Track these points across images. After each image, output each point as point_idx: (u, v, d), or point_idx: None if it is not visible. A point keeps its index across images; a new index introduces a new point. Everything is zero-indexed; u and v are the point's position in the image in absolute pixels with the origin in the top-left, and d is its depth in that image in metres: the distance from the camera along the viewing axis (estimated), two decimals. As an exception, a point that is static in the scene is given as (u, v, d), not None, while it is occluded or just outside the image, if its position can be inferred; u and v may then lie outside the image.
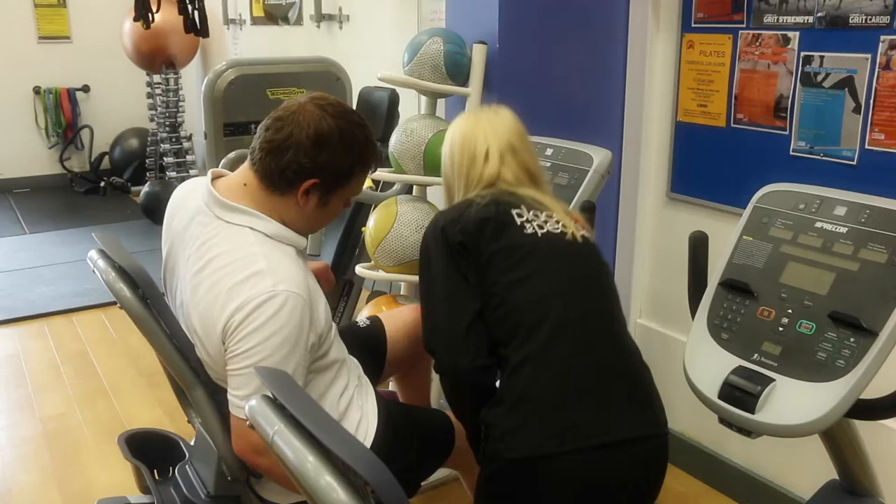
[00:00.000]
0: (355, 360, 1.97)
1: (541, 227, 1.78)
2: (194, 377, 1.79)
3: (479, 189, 1.86)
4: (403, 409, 2.12)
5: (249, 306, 1.59)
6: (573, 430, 1.61)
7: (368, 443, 1.85)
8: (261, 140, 1.71)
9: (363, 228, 2.96)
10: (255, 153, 1.73)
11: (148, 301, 1.75)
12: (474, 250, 1.75)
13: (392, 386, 2.46)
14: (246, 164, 1.77)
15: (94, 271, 1.86)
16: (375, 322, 2.23)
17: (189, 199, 1.83)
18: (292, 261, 1.70)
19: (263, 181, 1.72)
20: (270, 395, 1.18)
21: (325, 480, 0.99)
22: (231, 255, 1.67)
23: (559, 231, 1.79)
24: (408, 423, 2.00)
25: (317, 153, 1.68)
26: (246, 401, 1.46)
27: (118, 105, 7.63)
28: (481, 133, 1.89)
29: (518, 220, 1.77)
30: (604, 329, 1.73)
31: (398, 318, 2.25)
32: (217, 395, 1.80)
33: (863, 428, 1.81)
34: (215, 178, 1.80)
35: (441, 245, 1.77)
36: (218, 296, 1.64)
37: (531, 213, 1.80)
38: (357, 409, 1.87)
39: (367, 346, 2.12)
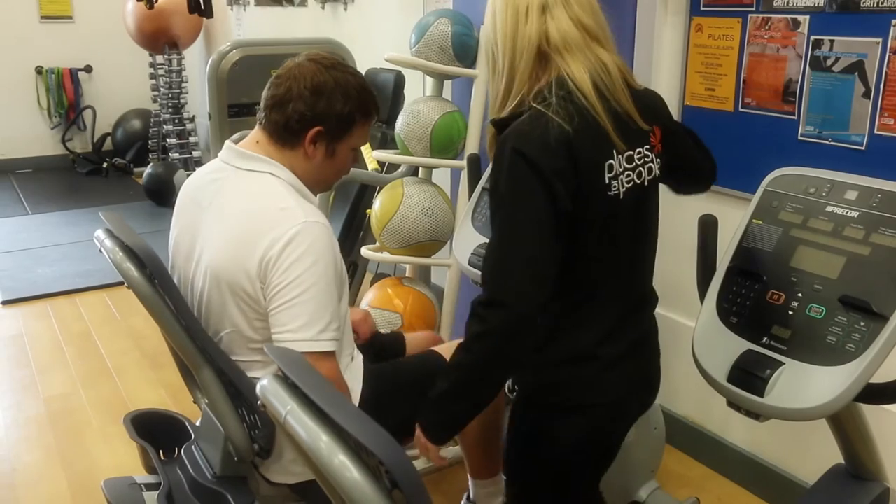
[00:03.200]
0: None
1: (627, 182, 1.54)
2: (202, 357, 1.79)
3: (528, 66, 1.54)
4: (388, 365, 2.11)
5: (285, 238, 1.66)
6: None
7: (355, 401, 1.88)
8: (265, 99, 1.83)
9: (368, 210, 2.96)
10: (260, 113, 1.84)
11: (155, 281, 1.75)
12: (570, 181, 1.47)
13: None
14: (256, 127, 1.86)
15: (100, 251, 1.86)
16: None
17: (202, 172, 1.92)
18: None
19: (273, 136, 1.82)
20: (282, 374, 1.18)
21: (339, 460, 0.99)
22: (257, 197, 1.76)
23: (638, 182, 1.58)
24: (393, 377, 2.02)
25: (315, 101, 1.78)
26: (304, 331, 1.63)
27: (121, 86, 7.61)
28: None
29: (606, 177, 1.51)
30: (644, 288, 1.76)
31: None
32: (224, 375, 1.80)
33: (869, 412, 1.81)
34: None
35: (527, 176, 1.45)
36: (249, 232, 1.70)
37: (622, 157, 1.53)
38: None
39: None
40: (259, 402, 1.17)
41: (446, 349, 2.11)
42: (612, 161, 1.51)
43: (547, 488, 1.73)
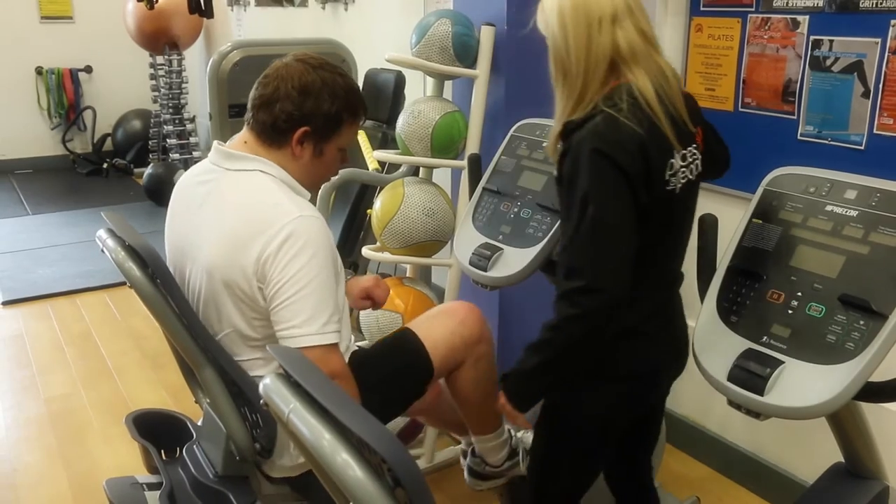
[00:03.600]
0: None
1: (682, 178, 1.66)
2: (203, 357, 1.80)
3: (601, 74, 1.61)
4: (366, 348, 2.08)
5: (282, 234, 1.67)
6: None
7: None
8: (252, 99, 1.83)
9: (368, 211, 2.96)
10: (248, 113, 1.84)
11: (157, 280, 1.75)
12: (644, 179, 1.58)
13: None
14: (244, 127, 1.87)
15: (102, 251, 1.86)
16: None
17: (190, 175, 1.92)
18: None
19: (261, 136, 1.83)
20: (284, 373, 1.18)
21: (342, 458, 0.99)
22: (249, 194, 1.77)
23: (689, 178, 1.69)
24: (369, 359, 1.97)
25: (303, 101, 1.79)
26: (308, 325, 1.63)
27: (121, 86, 7.61)
28: None
29: (667, 175, 1.61)
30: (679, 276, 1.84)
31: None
32: (226, 374, 1.81)
33: (869, 411, 1.82)
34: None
35: (611, 174, 1.55)
36: (244, 230, 1.71)
37: (679, 156, 1.63)
38: None
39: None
40: (262, 401, 1.18)
41: (418, 325, 2.03)
42: (672, 160, 1.62)
43: (578, 459, 1.85)
